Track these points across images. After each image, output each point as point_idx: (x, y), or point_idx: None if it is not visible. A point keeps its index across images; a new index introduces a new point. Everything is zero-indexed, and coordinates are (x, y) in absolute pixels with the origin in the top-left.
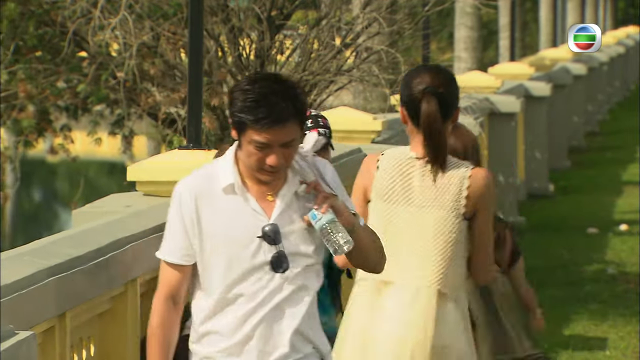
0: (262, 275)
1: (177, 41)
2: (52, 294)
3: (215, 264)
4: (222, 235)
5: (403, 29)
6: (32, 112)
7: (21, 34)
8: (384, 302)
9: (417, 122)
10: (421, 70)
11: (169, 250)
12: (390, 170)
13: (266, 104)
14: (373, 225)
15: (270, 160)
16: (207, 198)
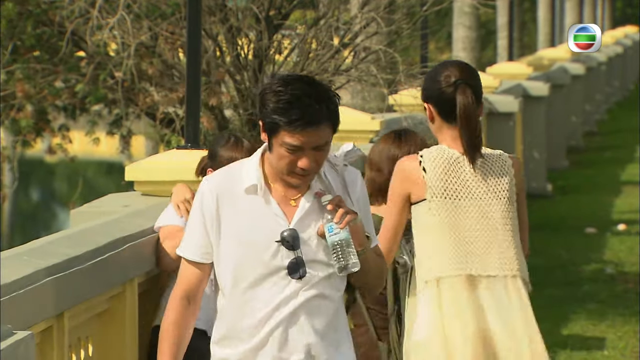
0: (278, 280)
1: (175, 41)
2: (50, 294)
3: (231, 265)
4: (240, 236)
5: (401, 29)
6: (30, 112)
7: (19, 33)
8: (478, 297)
9: (450, 117)
10: (448, 65)
11: (188, 247)
12: (439, 168)
13: (300, 105)
14: (436, 224)
15: (302, 163)
16: (229, 198)
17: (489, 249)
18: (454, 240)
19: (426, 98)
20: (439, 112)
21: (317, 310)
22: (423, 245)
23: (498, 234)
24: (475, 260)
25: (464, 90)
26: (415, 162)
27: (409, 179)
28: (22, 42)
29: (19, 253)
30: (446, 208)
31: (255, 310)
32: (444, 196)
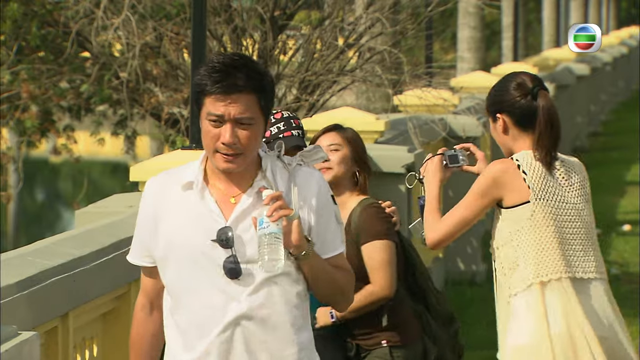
0: (216, 281)
1: (180, 41)
2: (55, 294)
3: (168, 266)
4: (175, 234)
5: (406, 29)
6: (35, 112)
7: (24, 34)
8: (582, 300)
9: (527, 124)
10: (516, 75)
11: (132, 251)
12: (538, 171)
13: (223, 70)
14: (541, 226)
15: (223, 137)
16: (167, 196)
17: (587, 251)
18: (559, 243)
19: (498, 110)
20: (516, 121)
21: (266, 313)
22: (524, 247)
23: (592, 237)
24: (577, 262)
25: (544, 94)
26: (512, 165)
27: (504, 184)
28: (27, 43)
29: (23, 253)
30: (550, 210)
31: (197, 313)
32: (547, 198)
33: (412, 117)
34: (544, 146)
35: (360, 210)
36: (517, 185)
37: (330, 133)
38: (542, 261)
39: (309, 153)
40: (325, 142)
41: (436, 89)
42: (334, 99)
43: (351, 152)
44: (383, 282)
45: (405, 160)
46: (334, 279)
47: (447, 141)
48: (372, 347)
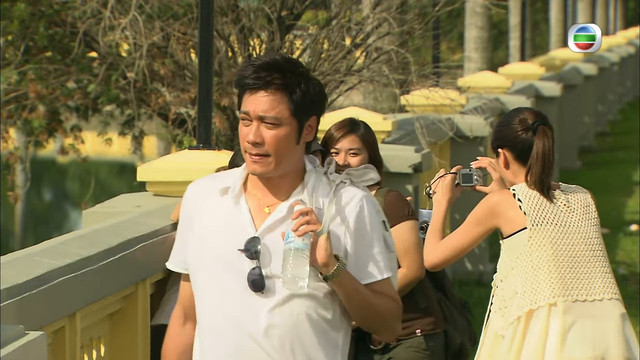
0: (241, 293)
1: (187, 41)
2: (63, 294)
3: (197, 274)
4: (205, 240)
5: (413, 29)
6: (43, 112)
7: (31, 34)
8: (586, 322)
9: (528, 158)
10: (519, 111)
11: (172, 257)
12: (534, 198)
13: (260, 65)
14: (540, 251)
15: (248, 135)
16: (205, 199)
17: (592, 274)
18: (556, 267)
19: (500, 144)
20: (517, 156)
21: (291, 331)
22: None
23: (600, 259)
24: (580, 285)
25: (544, 130)
26: (508, 194)
27: (500, 213)
28: (34, 43)
29: (31, 253)
30: (548, 235)
31: (224, 326)
32: (544, 223)
33: (419, 117)
34: (534, 179)
35: (382, 197)
36: (513, 214)
37: (349, 137)
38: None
39: (358, 172)
40: (345, 146)
41: (443, 89)
42: (341, 99)
43: (369, 154)
44: (414, 264)
45: (412, 160)
46: (371, 303)
47: (454, 141)
48: (405, 337)
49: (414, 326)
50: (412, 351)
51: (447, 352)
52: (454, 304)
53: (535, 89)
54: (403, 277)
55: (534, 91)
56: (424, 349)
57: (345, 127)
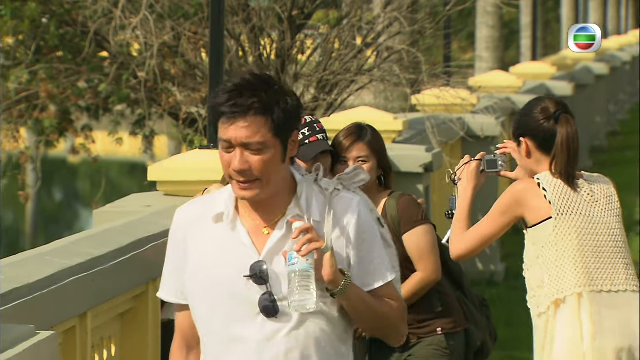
0: (252, 319)
1: (198, 41)
2: (73, 294)
3: (199, 304)
4: (207, 270)
5: (424, 29)
6: (54, 112)
7: (42, 33)
8: (609, 313)
9: (550, 147)
10: (540, 100)
11: (163, 287)
12: (559, 187)
13: (234, 90)
14: (565, 240)
15: (232, 164)
16: (198, 227)
17: (616, 264)
18: (581, 257)
19: (522, 134)
20: (539, 145)
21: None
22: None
23: (622, 250)
24: (605, 276)
25: (566, 119)
26: (533, 183)
27: (525, 202)
28: (45, 43)
29: (42, 253)
30: (573, 224)
31: (233, 354)
32: (569, 213)
33: (430, 116)
34: (559, 169)
35: (395, 202)
36: (538, 203)
37: (357, 145)
38: (564, 276)
39: (348, 176)
40: (354, 154)
41: (454, 89)
42: (352, 99)
43: (377, 160)
44: (429, 268)
45: (423, 160)
46: (378, 312)
47: (465, 141)
48: (425, 335)
49: (434, 325)
50: (432, 349)
51: (468, 351)
52: (473, 302)
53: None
54: (419, 282)
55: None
56: (445, 348)
57: (353, 135)
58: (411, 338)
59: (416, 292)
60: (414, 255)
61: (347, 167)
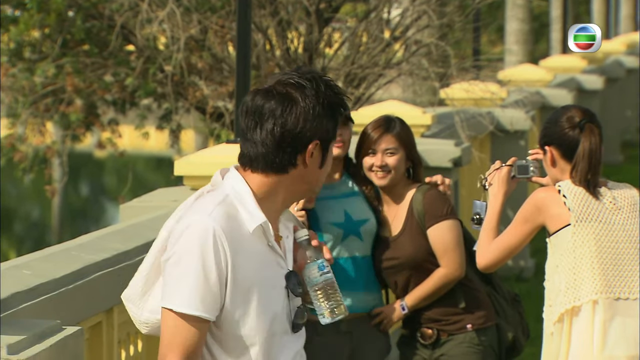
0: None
1: (225, 34)
2: (100, 289)
3: (251, 320)
4: (256, 284)
5: (453, 22)
6: (80, 106)
7: (69, 27)
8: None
9: (573, 157)
10: (567, 109)
11: (192, 300)
12: (579, 195)
13: (339, 89)
14: (583, 247)
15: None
16: (239, 240)
17: (634, 272)
18: (599, 264)
19: (547, 142)
20: (563, 154)
21: None
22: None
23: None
24: (623, 283)
25: (591, 128)
26: (554, 191)
27: (545, 210)
28: (71, 36)
29: (68, 248)
30: (592, 232)
31: None
32: (589, 220)
33: (459, 110)
34: (580, 177)
35: (422, 195)
36: (558, 210)
37: (385, 137)
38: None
39: None
40: (382, 146)
41: (483, 82)
42: (380, 92)
43: (405, 152)
44: (453, 264)
45: (451, 155)
46: None
47: (495, 135)
48: (455, 332)
49: (464, 321)
50: (464, 347)
51: (500, 346)
52: (504, 297)
53: (577, 82)
54: (442, 277)
55: (576, 84)
56: (477, 344)
57: (381, 127)
58: (441, 335)
59: (439, 288)
60: (438, 250)
61: (375, 160)
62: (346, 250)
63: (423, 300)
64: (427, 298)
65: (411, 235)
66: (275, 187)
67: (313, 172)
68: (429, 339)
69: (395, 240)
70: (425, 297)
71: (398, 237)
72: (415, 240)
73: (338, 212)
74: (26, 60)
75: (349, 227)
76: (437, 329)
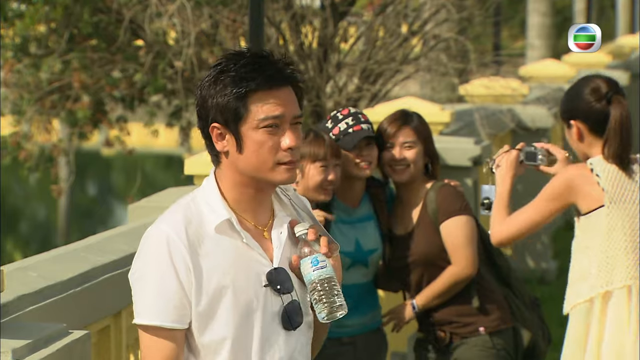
0: (270, 334)
1: (237, 29)
2: (108, 292)
3: (219, 323)
4: (224, 286)
5: (473, 16)
6: (87, 102)
7: (75, 21)
8: None
9: (604, 129)
10: (590, 79)
11: (159, 310)
12: (612, 174)
13: (267, 63)
14: (617, 230)
15: (286, 141)
16: (200, 241)
17: None
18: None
19: (572, 116)
20: (591, 128)
21: None
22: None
23: None
24: None
25: (619, 100)
26: (586, 169)
27: (577, 189)
28: (78, 31)
29: (75, 249)
30: (626, 214)
31: None
32: (623, 201)
33: (478, 107)
34: (612, 152)
35: (435, 193)
36: (591, 190)
37: (403, 130)
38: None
39: None
40: (400, 140)
41: (504, 78)
42: (397, 89)
43: (423, 147)
44: (464, 261)
45: (471, 153)
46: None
47: (516, 133)
48: (468, 335)
49: (476, 324)
50: (477, 350)
51: (517, 350)
52: (523, 300)
53: None
54: (452, 275)
55: None
56: (490, 347)
57: (399, 120)
58: (453, 338)
59: (449, 287)
60: (448, 246)
61: (394, 153)
62: (350, 278)
63: (434, 299)
64: (438, 297)
65: (424, 232)
66: (231, 179)
67: (238, 159)
68: (442, 342)
69: (408, 237)
70: (435, 296)
71: (411, 234)
72: (428, 236)
73: (350, 240)
74: (32, 55)
75: (358, 257)
76: (450, 332)
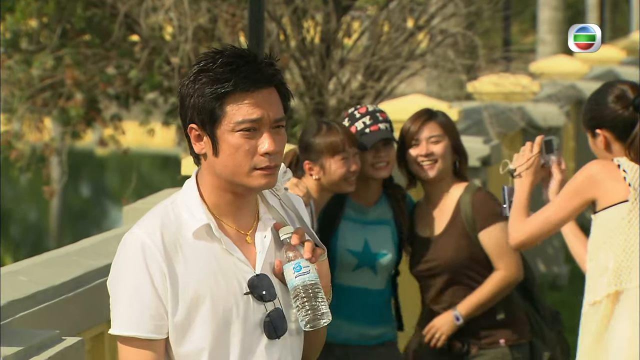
0: (251, 343)
1: (236, 23)
2: (102, 298)
3: (196, 334)
4: (202, 294)
5: (481, 10)
6: (80, 100)
7: (68, 16)
8: None
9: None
10: (614, 86)
11: (133, 320)
12: (638, 173)
13: (248, 63)
14: (631, 226)
15: (265, 145)
16: (176, 247)
17: None
18: None
19: (597, 125)
20: (619, 136)
21: None
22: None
23: None
24: None
25: None
26: (612, 165)
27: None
28: (71, 25)
29: (68, 253)
30: None
31: None
32: None
33: (487, 105)
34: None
35: (470, 197)
36: (615, 185)
37: (429, 124)
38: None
39: (286, 174)
40: (425, 134)
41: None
42: (403, 86)
43: (451, 141)
44: (512, 265)
45: (480, 152)
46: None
47: (526, 132)
48: (486, 346)
49: (496, 335)
50: None
51: None
52: (544, 316)
53: (615, 75)
54: (502, 280)
55: (614, 76)
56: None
57: (422, 116)
58: (472, 348)
59: (498, 292)
60: (494, 252)
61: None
62: (357, 281)
63: (479, 307)
64: (484, 305)
65: (454, 237)
66: (210, 183)
67: (215, 162)
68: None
69: (435, 241)
70: (482, 304)
71: (439, 238)
72: (458, 242)
73: (358, 240)
74: (23, 51)
75: (364, 258)
76: (468, 342)
